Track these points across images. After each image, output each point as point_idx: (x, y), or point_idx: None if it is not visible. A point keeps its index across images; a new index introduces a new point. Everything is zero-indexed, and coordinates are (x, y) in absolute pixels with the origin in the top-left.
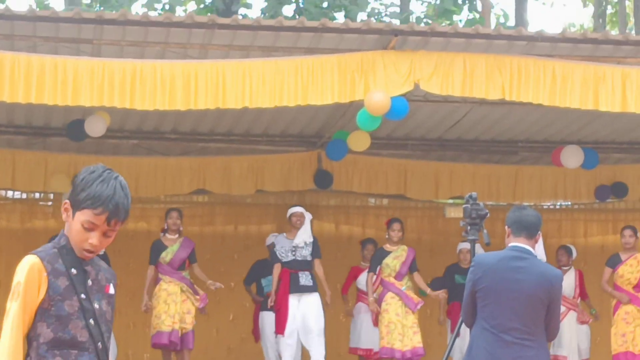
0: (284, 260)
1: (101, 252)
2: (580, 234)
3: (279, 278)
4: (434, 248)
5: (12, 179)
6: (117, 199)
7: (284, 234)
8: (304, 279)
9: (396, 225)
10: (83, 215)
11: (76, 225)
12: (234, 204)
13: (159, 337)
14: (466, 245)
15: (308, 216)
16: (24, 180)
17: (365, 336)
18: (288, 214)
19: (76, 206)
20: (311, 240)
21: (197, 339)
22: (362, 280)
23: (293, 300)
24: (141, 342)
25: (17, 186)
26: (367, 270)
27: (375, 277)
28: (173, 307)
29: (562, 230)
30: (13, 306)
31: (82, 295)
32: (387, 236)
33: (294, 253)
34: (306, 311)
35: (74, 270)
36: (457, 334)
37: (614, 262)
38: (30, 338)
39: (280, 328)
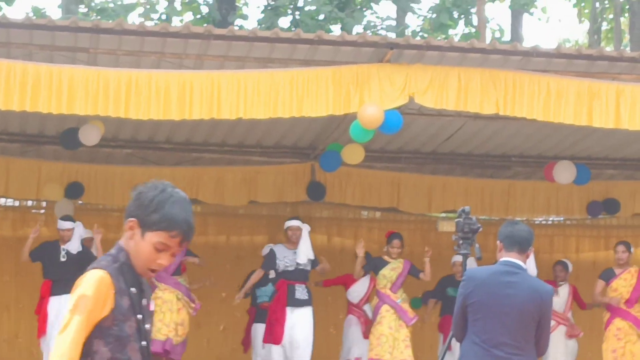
0: (286, 269)
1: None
2: (572, 249)
3: (256, 281)
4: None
5: (5, 186)
6: (190, 221)
7: (282, 244)
8: (300, 292)
9: (396, 243)
10: (156, 237)
11: (146, 246)
12: (227, 215)
13: (152, 345)
14: (460, 258)
15: (306, 228)
16: (17, 188)
17: (356, 347)
18: (285, 227)
19: (147, 226)
20: (313, 257)
21: (188, 349)
22: (353, 292)
23: (288, 311)
24: None
25: (10, 194)
26: (357, 282)
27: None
28: (169, 315)
29: (554, 245)
30: (75, 319)
31: (139, 316)
32: (385, 249)
33: (297, 264)
34: (297, 324)
35: (133, 289)
36: (448, 348)
37: (608, 276)
38: (84, 353)
39: (275, 338)
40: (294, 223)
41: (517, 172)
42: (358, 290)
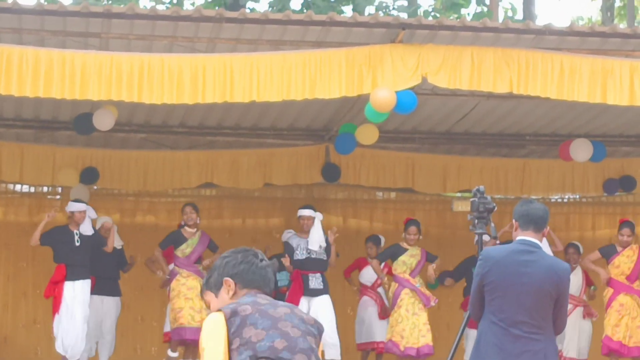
0: (298, 258)
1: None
2: (589, 227)
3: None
4: (441, 241)
5: (20, 172)
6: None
7: (295, 233)
8: (314, 281)
9: (413, 230)
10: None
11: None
12: (242, 198)
13: (181, 332)
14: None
15: (318, 217)
16: (32, 174)
17: (375, 329)
18: (298, 215)
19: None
20: (325, 244)
21: None
22: (366, 275)
23: (304, 302)
24: (149, 336)
25: (25, 180)
26: (370, 265)
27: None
28: (198, 301)
29: (570, 223)
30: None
31: None
32: (403, 236)
33: (308, 252)
34: (317, 314)
35: None
36: (464, 330)
37: (609, 252)
38: None
39: None
40: (306, 212)
41: (532, 150)
42: (370, 273)
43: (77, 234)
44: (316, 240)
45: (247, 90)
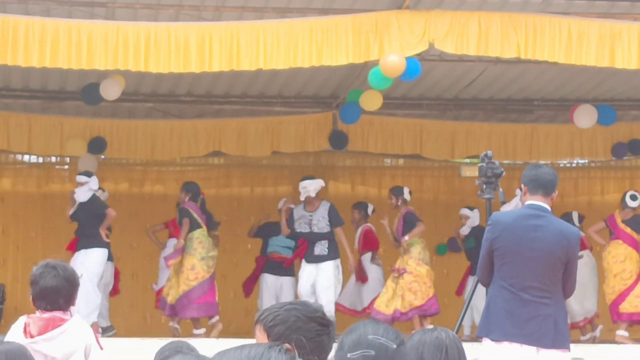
0: (301, 230)
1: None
2: (597, 191)
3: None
4: (450, 207)
5: (28, 143)
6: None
7: (302, 204)
8: (319, 248)
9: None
10: None
11: None
12: (250, 166)
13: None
14: (467, 212)
15: (314, 185)
16: (40, 145)
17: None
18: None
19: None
20: (326, 213)
21: None
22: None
23: (311, 268)
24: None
25: (34, 150)
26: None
27: None
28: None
29: (579, 188)
30: None
31: None
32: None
33: (310, 225)
34: (318, 278)
35: None
36: (471, 298)
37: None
38: None
39: None
40: (302, 183)
41: (540, 115)
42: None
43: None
44: (318, 212)
45: (254, 58)
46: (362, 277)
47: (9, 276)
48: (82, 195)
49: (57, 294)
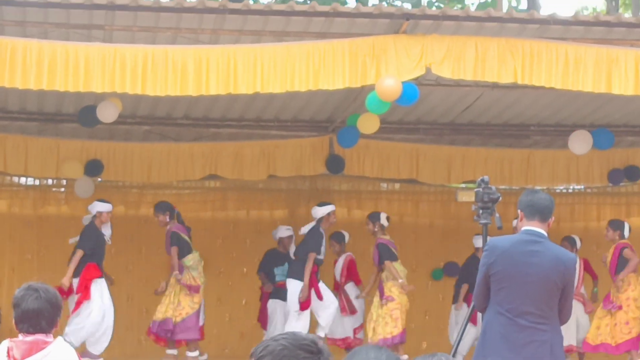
0: (320, 257)
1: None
2: (593, 217)
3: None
4: (446, 232)
5: (24, 165)
6: None
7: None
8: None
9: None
10: None
11: None
12: (246, 189)
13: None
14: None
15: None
16: (37, 167)
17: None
18: (327, 212)
19: None
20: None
21: (210, 325)
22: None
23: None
24: None
25: (30, 172)
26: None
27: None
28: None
29: (575, 214)
30: None
31: None
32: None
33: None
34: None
35: None
36: (466, 325)
37: None
38: None
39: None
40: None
41: (536, 141)
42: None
43: (104, 234)
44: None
45: (251, 82)
46: (351, 310)
47: (4, 298)
48: (107, 227)
49: (39, 317)
